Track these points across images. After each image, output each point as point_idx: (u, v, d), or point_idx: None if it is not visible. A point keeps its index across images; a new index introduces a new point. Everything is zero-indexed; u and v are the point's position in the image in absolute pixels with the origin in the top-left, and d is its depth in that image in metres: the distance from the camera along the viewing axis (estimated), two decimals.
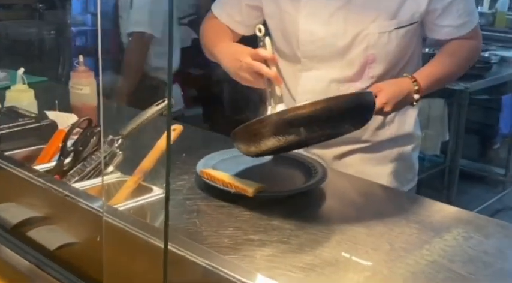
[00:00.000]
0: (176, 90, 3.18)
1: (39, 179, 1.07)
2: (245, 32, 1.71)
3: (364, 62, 1.57)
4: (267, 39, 1.43)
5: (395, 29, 1.53)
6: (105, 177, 1.23)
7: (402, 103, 1.49)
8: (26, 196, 1.11)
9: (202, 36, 1.73)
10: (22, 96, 1.67)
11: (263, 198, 1.33)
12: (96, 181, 1.22)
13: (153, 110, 1.29)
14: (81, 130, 1.29)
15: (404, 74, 1.55)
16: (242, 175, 1.41)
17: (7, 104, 1.67)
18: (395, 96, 1.46)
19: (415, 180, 1.75)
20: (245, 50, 1.45)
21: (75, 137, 1.31)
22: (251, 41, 1.53)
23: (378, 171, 1.67)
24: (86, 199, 0.98)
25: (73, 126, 1.27)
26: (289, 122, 1.19)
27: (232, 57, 1.50)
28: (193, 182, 1.45)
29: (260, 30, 1.43)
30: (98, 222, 0.94)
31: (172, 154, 1.55)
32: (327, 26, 1.54)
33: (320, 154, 1.66)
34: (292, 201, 1.35)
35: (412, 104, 1.54)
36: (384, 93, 1.45)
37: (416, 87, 1.51)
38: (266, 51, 1.41)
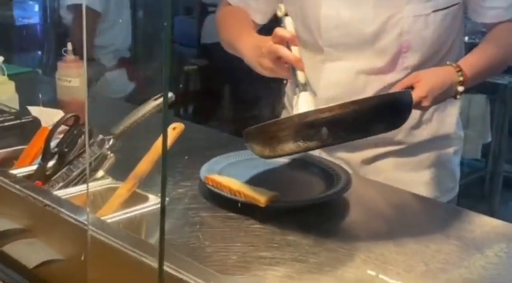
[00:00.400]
0: (121, 74, 3.17)
1: (16, 186, 1.04)
2: (261, 19, 1.70)
3: (397, 51, 1.54)
4: (288, 18, 1.42)
5: (433, 11, 1.50)
6: (94, 184, 1.20)
7: (443, 96, 1.46)
8: (1, 205, 1.08)
9: (219, 27, 1.72)
10: (1, 89, 1.64)
11: (277, 209, 1.31)
12: (83, 188, 1.19)
13: (150, 105, 1.25)
14: (67, 128, 1.26)
15: (448, 62, 1.51)
16: (253, 182, 1.39)
17: None
18: (436, 88, 1.43)
19: (455, 189, 1.72)
20: (268, 38, 1.42)
21: (61, 136, 1.28)
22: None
23: (413, 178, 1.63)
24: (70, 209, 0.95)
25: (57, 123, 1.23)
26: (311, 126, 1.16)
27: (253, 46, 1.48)
28: (197, 189, 1.43)
29: (281, 10, 1.42)
30: (83, 236, 0.91)
31: (173, 157, 1.51)
32: (353, 10, 1.51)
33: (346, 158, 1.64)
34: (310, 213, 1.32)
35: (454, 97, 1.50)
36: (423, 85, 1.42)
37: (461, 78, 1.47)
38: (285, 30, 1.38)
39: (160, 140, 1.22)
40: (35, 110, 1.58)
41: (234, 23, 1.67)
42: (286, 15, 1.42)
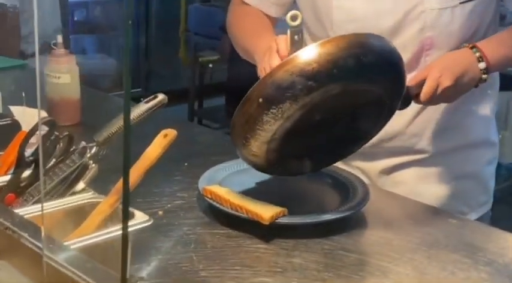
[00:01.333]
0: None
1: None
2: (277, 13, 1.61)
3: (419, 48, 1.44)
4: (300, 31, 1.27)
5: (460, 3, 1.41)
6: (72, 198, 1.09)
7: (464, 75, 1.35)
8: None
9: (230, 28, 1.64)
10: None
11: (282, 227, 1.22)
12: (62, 202, 1.08)
13: (140, 109, 1.14)
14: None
15: (461, 45, 1.43)
16: (258, 194, 1.30)
17: None
18: (449, 65, 1.35)
19: (489, 203, 1.62)
20: (281, 37, 1.29)
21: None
22: None
23: (438, 191, 1.54)
24: (28, 231, 0.84)
25: (33, 128, 1.13)
26: (280, 85, 1.13)
27: (262, 52, 1.36)
28: (195, 201, 1.35)
29: (294, 19, 1.23)
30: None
31: (170, 163, 1.45)
32: (368, 1, 1.43)
33: (363, 167, 1.55)
34: (321, 231, 1.23)
35: (480, 81, 1.39)
36: (435, 65, 1.35)
37: (477, 54, 1.38)
38: (284, 47, 1.26)
39: (150, 148, 1.13)
40: (17, 111, 1.49)
41: (248, 28, 1.57)
42: (297, 26, 1.25)
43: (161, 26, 5.11)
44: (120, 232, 1.00)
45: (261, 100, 1.15)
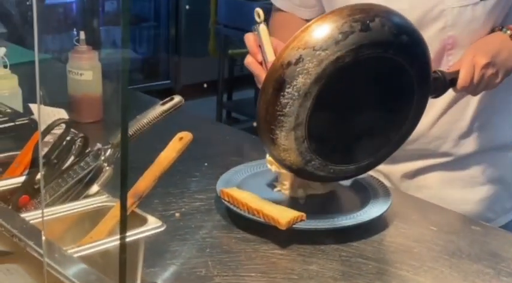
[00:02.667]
0: None
1: None
2: (309, 15, 1.58)
3: (440, 48, 1.39)
4: (261, 26, 1.28)
5: (481, 0, 1.35)
6: (86, 200, 1.07)
7: (499, 52, 1.32)
8: None
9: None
10: (1, 84, 1.53)
11: (300, 232, 1.19)
12: (74, 206, 1.06)
13: (156, 111, 1.12)
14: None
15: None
16: (276, 197, 1.29)
17: None
18: (481, 46, 1.34)
19: None
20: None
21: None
22: None
23: (462, 196, 1.49)
24: (31, 236, 0.82)
25: (48, 128, 1.11)
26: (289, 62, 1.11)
27: None
28: (213, 203, 1.32)
29: (259, 14, 1.28)
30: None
31: (190, 162, 1.43)
32: (386, 1, 1.35)
33: (384, 170, 1.50)
34: (339, 237, 1.20)
35: None
36: (466, 52, 1.32)
37: (508, 32, 1.35)
38: (252, 40, 1.29)
39: (165, 151, 1.10)
40: (36, 109, 1.47)
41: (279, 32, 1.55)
42: (260, 22, 1.28)
43: (191, 18, 5.08)
44: (132, 238, 1.00)
45: (274, 83, 1.12)
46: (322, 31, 1.11)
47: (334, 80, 1.12)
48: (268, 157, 1.30)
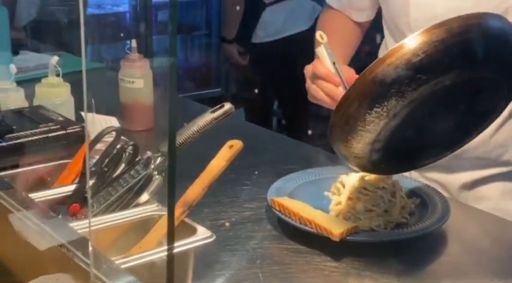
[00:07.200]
0: None
1: (32, 218, 0.90)
2: (359, 18, 1.56)
3: None
4: (321, 48, 1.23)
5: None
6: (135, 210, 1.05)
7: None
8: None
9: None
10: (53, 93, 1.53)
11: (354, 244, 1.14)
12: (123, 215, 1.04)
13: (206, 119, 1.09)
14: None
15: None
16: (329, 207, 1.23)
17: (36, 102, 1.54)
18: None
19: None
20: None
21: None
22: None
23: None
24: (79, 247, 0.80)
25: (97, 137, 1.09)
26: (383, 81, 0.99)
27: None
28: (263, 213, 1.28)
29: (321, 36, 1.23)
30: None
31: (240, 171, 1.39)
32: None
33: (441, 180, 1.44)
34: (395, 250, 1.15)
35: None
36: None
37: None
38: (322, 65, 1.24)
39: (215, 160, 1.07)
40: (89, 117, 1.46)
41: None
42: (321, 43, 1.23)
43: None
44: (181, 249, 0.97)
45: (362, 99, 1.02)
46: (425, 51, 0.99)
47: (426, 101, 1.02)
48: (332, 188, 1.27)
